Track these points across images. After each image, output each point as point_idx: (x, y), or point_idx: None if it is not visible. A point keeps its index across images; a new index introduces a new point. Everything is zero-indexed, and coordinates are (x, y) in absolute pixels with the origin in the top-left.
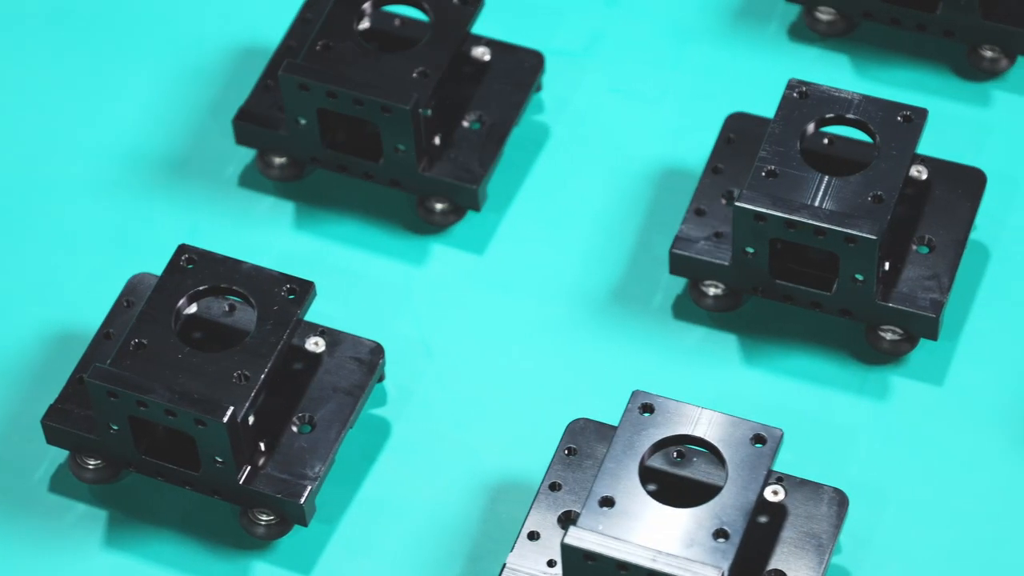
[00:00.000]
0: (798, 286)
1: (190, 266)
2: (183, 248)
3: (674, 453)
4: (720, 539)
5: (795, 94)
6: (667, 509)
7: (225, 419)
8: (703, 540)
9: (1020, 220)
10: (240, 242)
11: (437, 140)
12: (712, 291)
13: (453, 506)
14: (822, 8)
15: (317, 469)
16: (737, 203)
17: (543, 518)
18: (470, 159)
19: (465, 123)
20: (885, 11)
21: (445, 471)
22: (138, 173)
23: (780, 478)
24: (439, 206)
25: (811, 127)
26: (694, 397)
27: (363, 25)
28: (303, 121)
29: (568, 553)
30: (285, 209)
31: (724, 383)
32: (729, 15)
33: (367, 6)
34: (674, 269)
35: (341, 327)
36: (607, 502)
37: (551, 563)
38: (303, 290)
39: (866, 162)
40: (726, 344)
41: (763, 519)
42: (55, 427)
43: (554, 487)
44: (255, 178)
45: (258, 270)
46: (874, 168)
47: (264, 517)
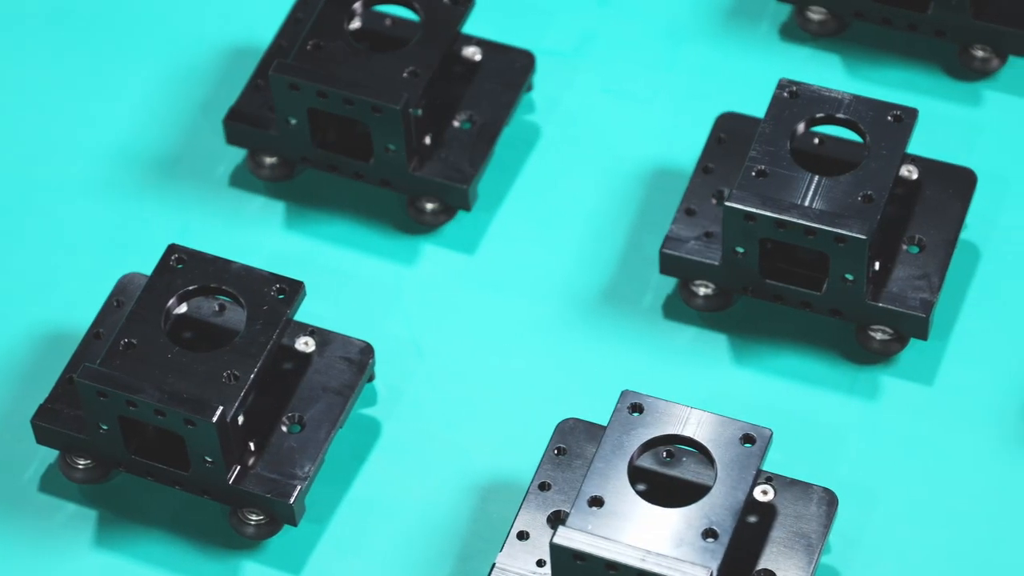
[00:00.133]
0: (788, 286)
1: (180, 266)
2: (173, 248)
3: (663, 453)
4: (709, 539)
5: (785, 94)
6: (656, 509)
7: (214, 419)
8: (692, 540)
9: (1011, 220)
10: (231, 242)
11: (427, 140)
12: (702, 291)
13: (443, 506)
14: (813, 8)
15: (307, 469)
16: (727, 203)
17: (533, 518)
18: (460, 159)
19: (456, 123)
20: (876, 11)
21: (435, 471)
22: (129, 173)
23: (770, 478)
24: (429, 206)
25: (801, 127)
26: (684, 397)
27: (354, 25)
28: (293, 121)
29: (557, 553)
30: (276, 209)
31: (714, 383)
32: (720, 15)
33: (358, 6)
34: (664, 269)
35: (332, 327)
36: (596, 502)
37: (540, 563)
38: (293, 290)
39: (856, 162)
40: (716, 344)
41: (752, 519)
42: (45, 427)
43: (544, 487)
44: (246, 178)
45: (248, 270)
46: (864, 168)
47: (254, 517)
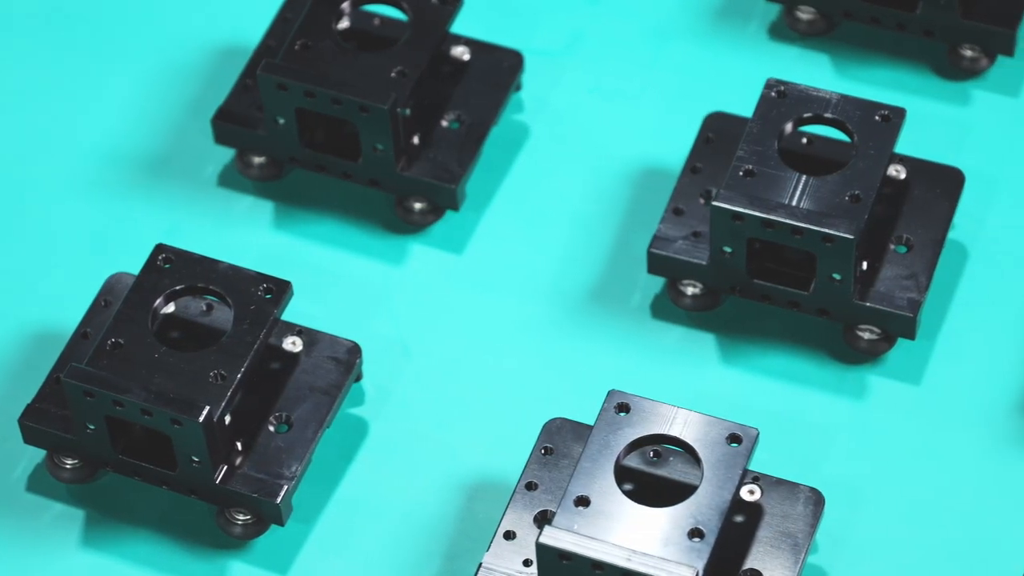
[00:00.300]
0: (776, 286)
1: (167, 266)
2: (160, 248)
3: (650, 452)
4: (695, 539)
5: (773, 93)
6: (642, 508)
7: (201, 418)
8: (678, 540)
9: (999, 219)
10: (219, 241)
11: (416, 140)
12: (690, 290)
13: (430, 505)
14: (802, 7)
15: (294, 469)
16: (714, 202)
17: (519, 517)
18: (449, 159)
19: (444, 123)
20: (865, 10)
21: (422, 470)
22: (117, 172)
23: (756, 477)
24: (418, 206)
25: (789, 127)
26: (672, 396)
27: (342, 24)
28: (282, 121)
29: (543, 552)
30: (264, 208)
31: (702, 382)
32: (709, 14)
33: (346, 5)
34: (652, 268)
35: (320, 327)
36: (582, 501)
37: (527, 562)
38: (280, 290)
39: (845, 162)
40: (704, 344)
41: (739, 518)
42: (32, 426)
43: (530, 486)
44: (234, 178)
45: (235, 270)
46: (852, 167)
47: (241, 516)
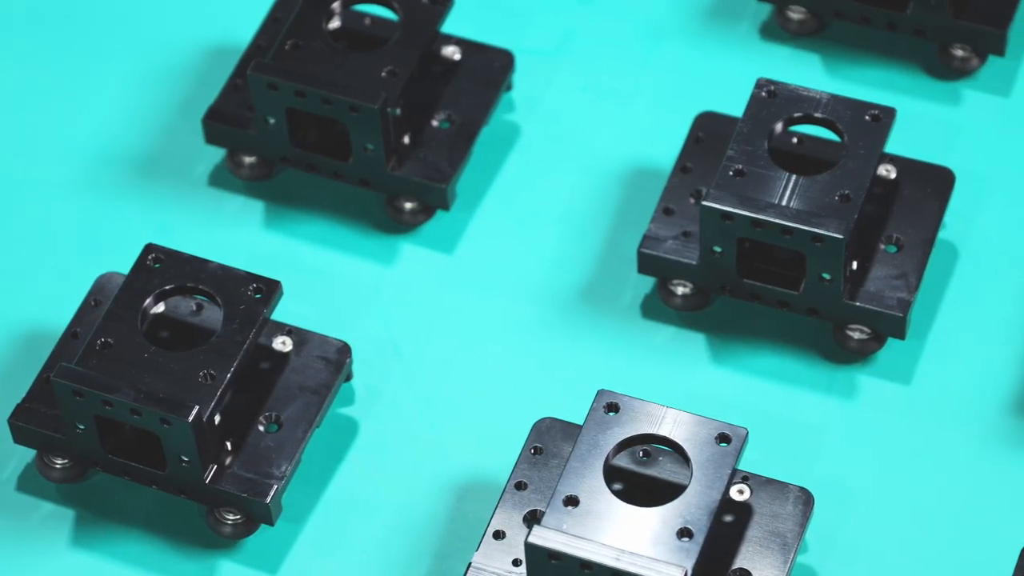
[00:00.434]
0: (766, 285)
1: (157, 265)
2: (150, 248)
3: (640, 452)
4: (684, 538)
5: (763, 93)
6: (631, 508)
7: (190, 418)
8: (667, 539)
9: (989, 219)
10: (209, 241)
11: (406, 139)
12: (680, 290)
13: (420, 505)
14: (793, 7)
15: (283, 468)
16: (704, 202)
17: (509, 517)
18: (439, 158)
19: (434, 122)
20: (856, 10)
21: (412, 470)
22: (108, 172)
23: (746, 477)
24: (408, 205)
25: (779, 126)
26: (662, 396)
27: (333, 24)
28: (272, 120)
29: (532, 552)
30: (255, 208)
31: (692, 382)
32: (701, 14)
33: (336, 5)
34: (642, 268)
35: (310, 326)
36: (571, 501)
37: (516, 562)
38: (270, 289)
39: (835, 161)
40: (694, 343)
41: (728, 518)
42: (22, 426)
43: (520, 486)
44: (225, 177)
45: (225, 269)
46: (842, 167)
47: (231, 516)
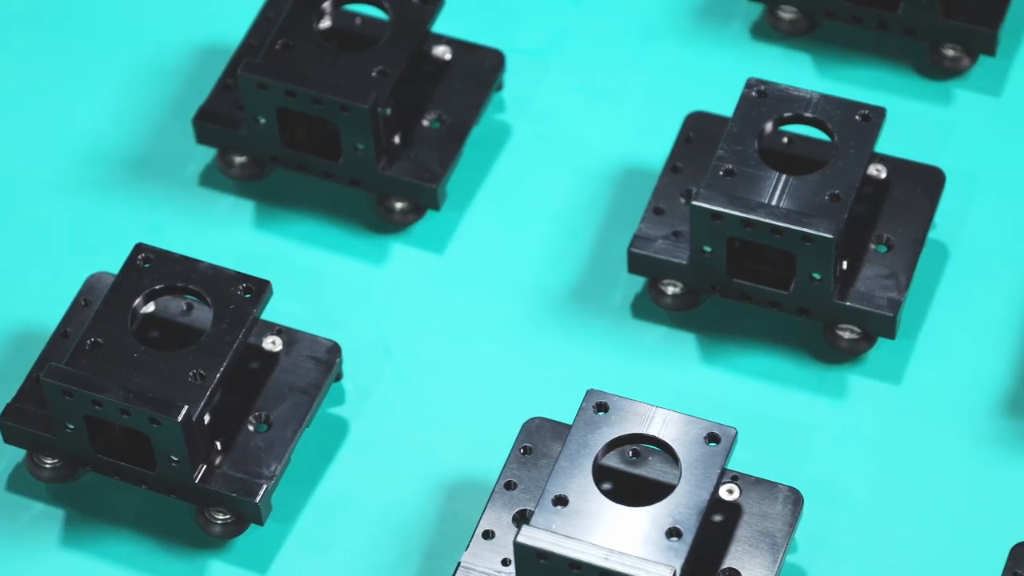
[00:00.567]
0: (756, 285)
1: (147, 265)
2: (140, 247)
3: (629, 452)
4: (673, 538)
5: (754, 93)
6: (620, 508)
7: (179, 418)
8: (656, 539)
9: (979, 219)
10: (200, 241)
11: (397, 139)
12: (671, 290)
13: (410, 505)
14: (784, 7)
15: (273, 468)
16: (694, 202)
17: (498, 517)
18: (430, 158)
19: (425, 122)
20: (847, 10)
21: (402, 470)
22: (98, 172)
23: (735, 477)
24: (399, 205)
25: (769, 126)
26: (653, 396)
27: (324, 24)
28: (263, 120)
29: (521, 552)
30: (245, 208)
31: (683, 382)
32: (692, 14)
33: (327, 5)
34: (633, 268)
35: (301, 326)
36: (560, 501)
37: (506, 562)
38: (259, 289)
39: (826, 161)
40: (685, 343)
41: (718, 518)
42: (12, 426)
43: (509, 486)
44: (215, 177)
45: (215, 269)
46: (832, 167)
47: (220, 516)
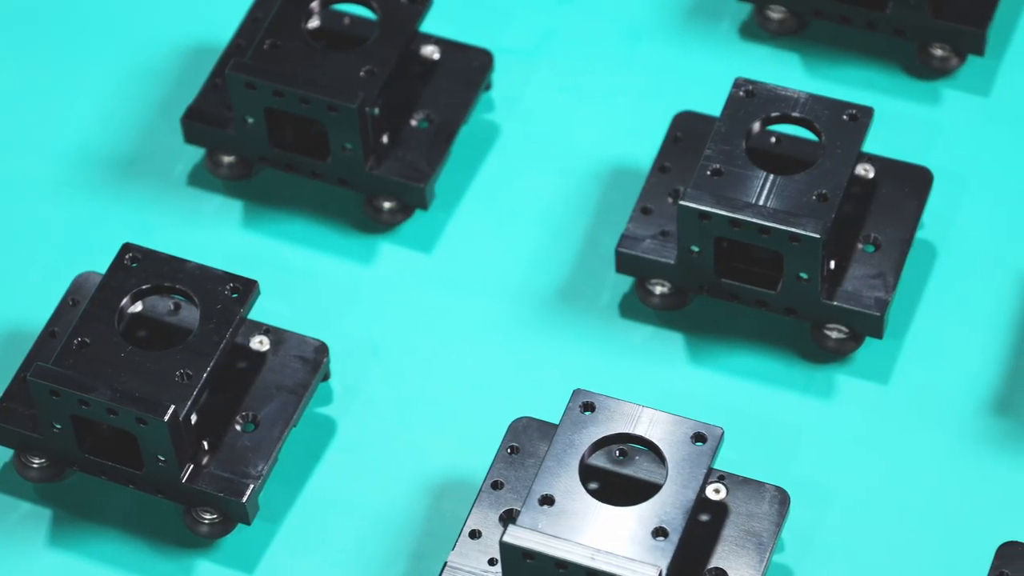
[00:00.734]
0: (744, 285)
1: (134, 265)
2: (127, 247)
3: (616, 451)
4: (659, 537)
5: (741, 93)
6: (607, 507)
7: (166, 417)
8: (642, 538)
9: (967, 219)
10: (188, 241)
11: (385, 139)
12: (658, 290)
13: (397, 504)
14: (773, 7)
15: (260, 468)
16: (681, 202)
17: (485, 516)
18: (418, 158)
19: (413, 122)
20: (835, 9)
21: (390, 469)
22: (87, 172)
23: (722, 476)
24: (387, 205)
25: (757, 126)
26: (640, 395)
27: (312, 24)
28: (251, 120)
29: (507, 551)
30: (234, 208)
31: (670, 381)
32: (680, 13)
33: (315, 5)
34: (620, 268)
35: (289, 326)
36: (547, 500)
37: (492, 561)
38: (247, 289)
39: (814, 161)
40: (672, 343)
41: (704, 517)
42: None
43: (496, 486)
44: (204, 177)
45: (202, 269)
46: (819, 167)
47: (207, 516)
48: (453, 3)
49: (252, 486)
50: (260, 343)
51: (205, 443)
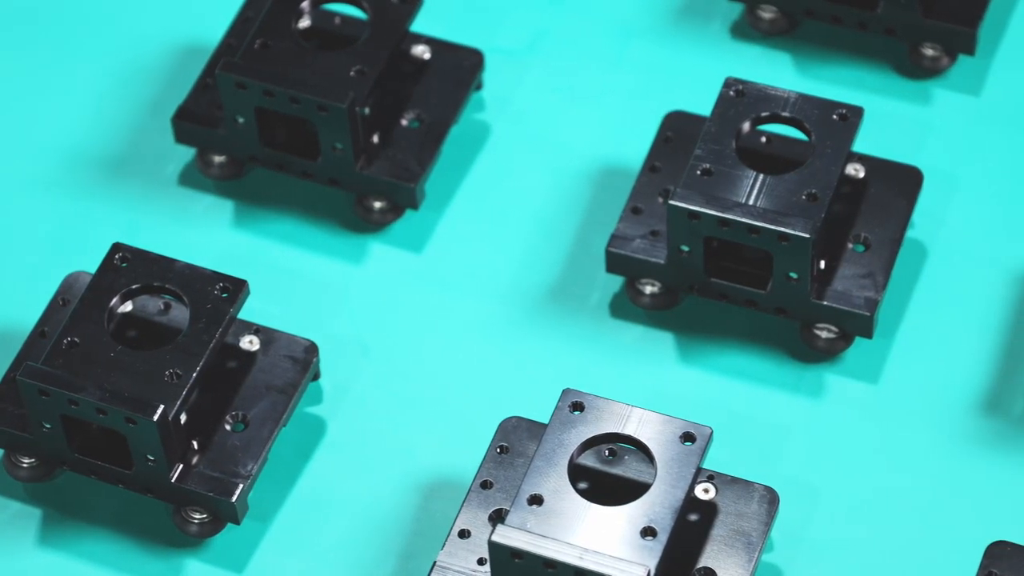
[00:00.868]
0: (733, 284)
1: (124, 264)
2: (117, 247)
3: (606, 451)
4: (648, 537)
5: (731, 92)
6: (595, 507)
7: (155, 417)
8: (631, 538)
9: (958, 218)
10: (179, 240)
11: (375, 139)
12: (648, 289)
13: (387, 504)
14: (764, 6)
15: (249, 467)
16: (671, 201)
17: (474, 516)
18: (408, 158)
19: (404, 121)
20: (827, 9)
21: (379, 469)
22: (77, 171)
23: (711, 476)
24: (377, 205)
25: (747, 126)
26: (631, 395)
27: (303, 23)
28: (241, 120)
29: (496, 551)
30: (224, 207)
31: (661, 381)
32: (672, 13)
33: (305, 4)
34: (611, 267)
35: (279, 326)
36: (536, 500)
37: (481, 561)
38: (236, 288)
39: (803, 161)
40: (663, 342)
41: (693, 517)
42: None
43: (485, 485)
44: (194, 177)
45: (192, 268)
46: (809, 166)
47: (197, 515)
48: (444, 3)
49: (241, 486)
50: (250, 343)
51: (195, 443)
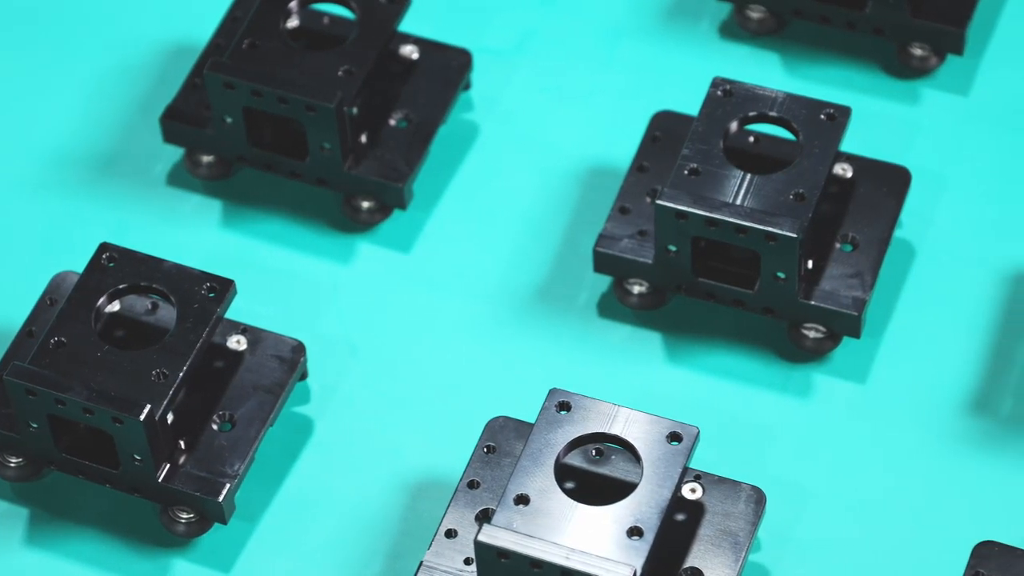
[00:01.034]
0: (721, 284)
1: (111, 264)
2: (104, 246)
3: (593, 451)
4: (634, 537)
5: (719, 92)
6: (582, 507)
7: (142, 417)
8: (617, 538)
9: (946, 218)
10: (167, 240)
11: (363, 138)
12: (636, 289)
13: (374, 504)
14: (753, 6)
15: (236, 467)
16: (658, 201)
17: (461, 516)
18: (396, 157)
19: (392, 121)
20: (815, 9)
21: (366, 469)
22: (65, 171)
23: (698, 476)
24: (365, 204)
25: (735, 125)
26: (618, 395)
27: (291, 23)
28: (229, 120)
29: (482, 551)
30: (212, 207)
31: (648, 381)
32: (660, 13)
33: (294, 4)
34: (598, 267)
35: (267, 325)
36: (522, 500)
37: (468, 561)
38: (223, 288)
39: (791, 160)
40: (650, 342)
41: (680, 517)
42: None
43: (472, 485)
44: (182, 176)
45: (179, 268)
46: (797, 166)
47: (184, 515)
48: (432, 3)
49: (228, 485)
50: (237, 342)
51: (182, 442)
